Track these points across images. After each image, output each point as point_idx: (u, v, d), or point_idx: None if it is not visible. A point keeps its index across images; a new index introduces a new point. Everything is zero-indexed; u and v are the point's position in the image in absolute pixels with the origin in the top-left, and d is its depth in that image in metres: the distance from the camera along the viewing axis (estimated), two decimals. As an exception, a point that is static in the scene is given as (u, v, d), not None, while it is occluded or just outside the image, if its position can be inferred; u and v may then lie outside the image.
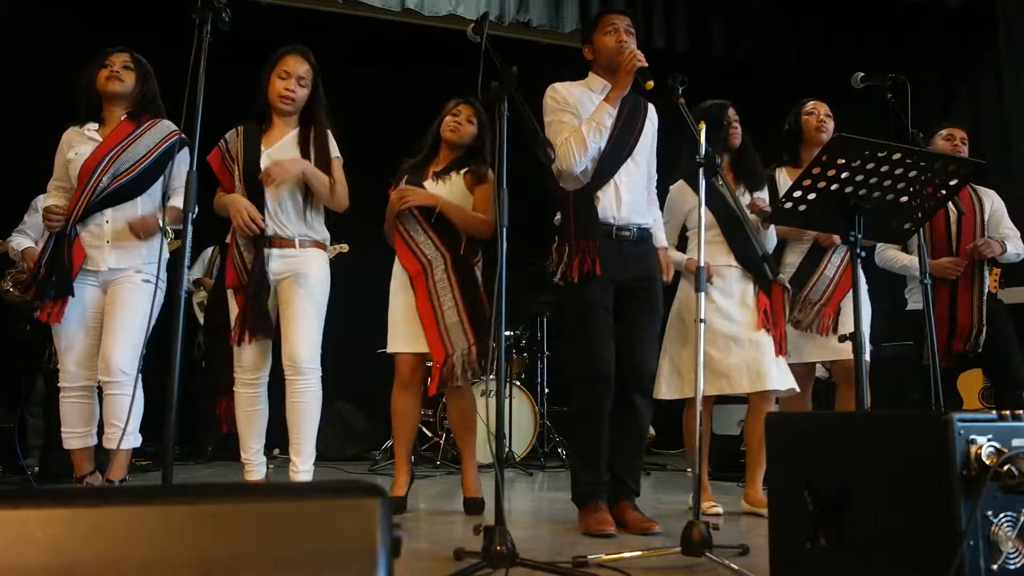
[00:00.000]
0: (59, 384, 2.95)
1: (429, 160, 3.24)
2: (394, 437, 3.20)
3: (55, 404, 3.07)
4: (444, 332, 3.00)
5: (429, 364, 3.12)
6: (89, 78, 3.00)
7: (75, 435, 2.94)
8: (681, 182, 3.30)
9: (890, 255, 3.70)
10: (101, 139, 2.97)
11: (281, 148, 2.92)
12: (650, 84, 2.61)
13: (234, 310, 2.90)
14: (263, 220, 2.83)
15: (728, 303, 3.12)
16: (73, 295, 2.89)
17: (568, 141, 2.71)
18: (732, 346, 3.06)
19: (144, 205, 2.99)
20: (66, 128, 3.04)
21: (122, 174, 2.92)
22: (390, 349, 3.13)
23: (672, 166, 3.27)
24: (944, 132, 3.81)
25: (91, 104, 3.01)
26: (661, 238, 3.02)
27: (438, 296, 3.04)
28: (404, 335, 3.09)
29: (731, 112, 3.27)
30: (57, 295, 2.87)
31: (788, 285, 3.22)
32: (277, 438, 3.16)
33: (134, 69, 3.00)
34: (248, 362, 2.90)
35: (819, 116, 3.37)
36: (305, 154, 2.90)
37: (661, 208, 3.14)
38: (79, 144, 2.97)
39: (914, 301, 3.76)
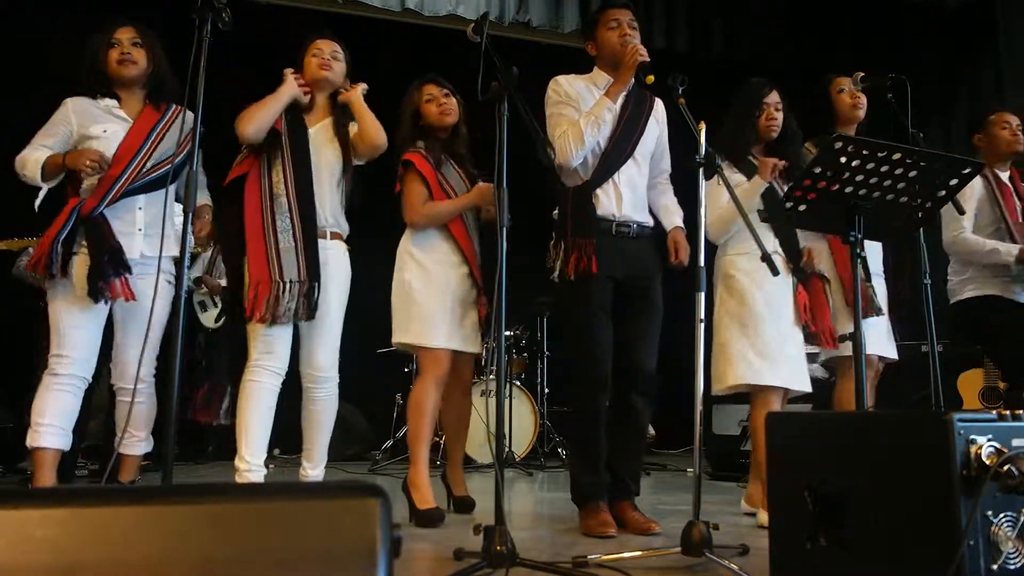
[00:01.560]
0: (53, 371, 2.65)
1: (434, 145, 3.07)
2: (417, 435, 2.92)
3: None
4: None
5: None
6: (94, 57, 2.82)
7: (57, 431, 2.62)
8: (715, 177, 3.14)
9: (973, 239, 3.44)
10: (130, 119, 2.80)
11: (319, 131, 2.85)
12: (650, 78, 2.61)
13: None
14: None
15: (777, 293, 2.94)
16: (131, 272, 2.69)
17: (566, 134, 2.71)
18: (791, 340, 2.92)
19: (171, 194, 2.80)
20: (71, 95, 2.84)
21: (165, 161, 2.79)
22: (429, 343, 2.89)
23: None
24: (996, 119, 3.57)
25: (100, 83, 2.83)
26: (676, 220, 2.92)
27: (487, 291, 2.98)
28: (445, 330, 2.90)
29: (772, 98, 3.07)
30: (117, 273, 2.65)
31: (826, 275, 3.05)
32: (280, 438, 3.14)
33: (143, 45, 2.83)
34: (270, 347, 2.64)
35: (853, 94, 3.17)
36: (343, 146, 2.85)
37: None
38: (104, 120, 2.78)
39: (969, 289, 3.55)
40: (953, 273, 3.66)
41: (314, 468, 2.85)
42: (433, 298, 2.92)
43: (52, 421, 2.62)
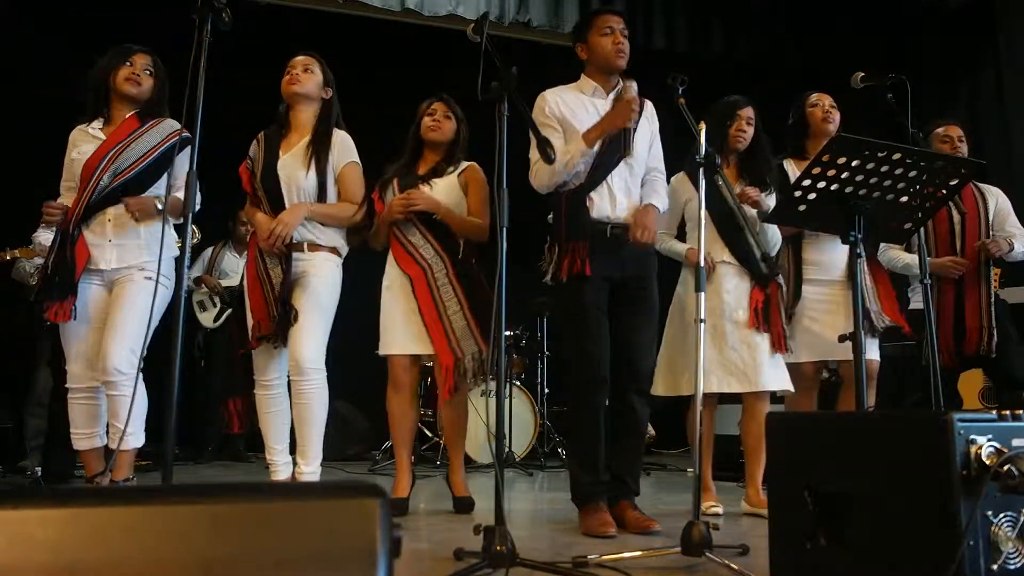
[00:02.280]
0: (66, 385, 2.94)
1: (414, 163, 3.23)
2: (393, 440, 3.20)
3: (56, 403, 3.05)
4: (452, 336, 2.99)
5: (428, 364, 3.11)
6: (105, 72, 2.95)
7: (82, 436, 2.92)
8: (681, 174, 3.25)
9: (892, 255, 3.65)
10: (105, 137, 2.94)
11: (293, 156, 2.98)
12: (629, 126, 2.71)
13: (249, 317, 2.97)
14: (286, 237, 2.89)
15: (725, 300, 3.10)
16: (75, 294, 2.86)
17: (538, 166, 2.69)
18: (723, 345, 3.06)
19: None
20: (73, 127, 3.01)
21: (123, 172, 2.89)
22: (383, 352, 3.13)
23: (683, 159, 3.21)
24: (940, 132, 3.72)
25: (100, 98, 2.97)
26: (653, 199, 2.87)
27: (442, 300, 3.02)
28: (397, 338, 3.08)
29: (745, 112, 3.21)
30: (60, 295, 2.83)
31: (782, 282, 3.18)
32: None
33: (154, 75, 2.99)
34: (261, 365, 2.98)
35: (824, 107, 3.33)
36: (318, 164, 2.96)
37: None
38: (83, 143, 2.95)
39: (916, 300, 3.72)
40: None
41: (308, 465, 2.87)
42: (384, 309, 3.13)
43: (78, 429, 2.93)
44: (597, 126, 2.72)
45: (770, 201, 3.14)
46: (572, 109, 2.82)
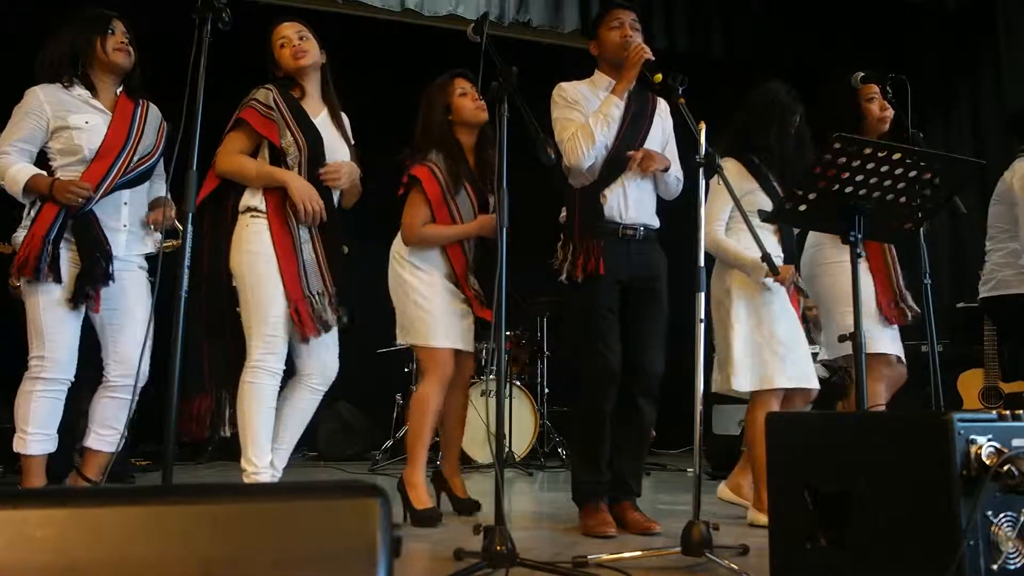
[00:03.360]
0: (37, 375, 2.60)
1: (458, 160, 3.00)
2: (419, 436, 2.92)
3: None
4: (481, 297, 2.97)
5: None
6: (87, 41, 2.71)
7: (43, 438, 2.60)
8: (733, 161, 2.98)
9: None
10: (109, 112, 2.73)
11: (323, 124, 2.77)
12: (658, 77, 2.60)
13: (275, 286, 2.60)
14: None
15: (781, 295, 2.94)
16: (113, 281, 2.65)
17: (575, 135, 2.71)
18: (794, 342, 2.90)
19: (148, 190, 2.86)
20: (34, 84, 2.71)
21: (147, 156, 2.77)
22: (434, 343, 2.90)
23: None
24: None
25: (81, 65, 2.71)
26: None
27: (479, 299, 2.99)
28: (448, 330, 2.92)
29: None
30: (104, 281, 2.62)
31: (801, 285, 3.08)
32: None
33: (132, 41, 2.80)
34: (282, 350, 2.62)
35: (880, 103, 3.07)
36: (346, 139, 2.84)
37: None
38: (84, 111, 2.69)
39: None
40: (1007, 266, 3.56)
41: (282, 462, 2.69)
42: (434, 299, 2.93)
43: (37, 429, 2.59)
44: (622, 79, 2.73)
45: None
46: (587, 98, 2.83)
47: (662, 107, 2.95)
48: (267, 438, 2.59)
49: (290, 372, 2.72)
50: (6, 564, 0.78)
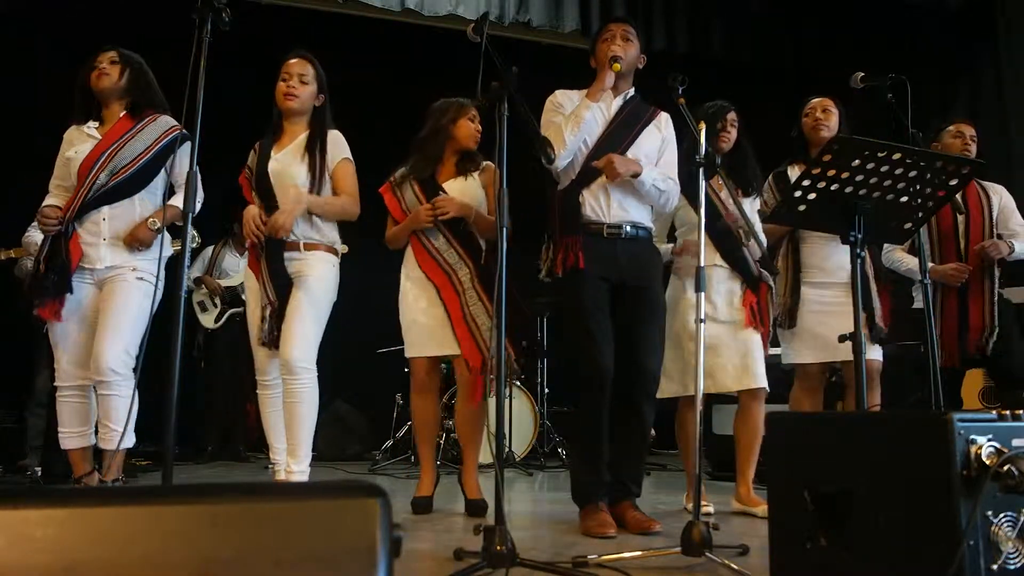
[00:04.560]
0: (55, 383, 2.94)
1: (434, 163, 3.18)
2: (417, 439, 3.27)
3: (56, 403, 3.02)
4: (480, 339, 3.01)
5: (443, 366, 3.11)
6: (82, 80, 3.00)
7: (72, 435, 2.92)
8: None
9: (896, 256, 3.61)
10: (100, 137, 2.95)
11: (286, 153, 2.97)
12: (617, 67, 2.74)
13: (253, 312, 3.00)
14: (288, 227, 2.88)
15: (715, 303, 3.09)
16: (71, 292, 2.86)
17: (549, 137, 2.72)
18: (718, 346, 3.05)
19: (143, 202, 2.96)
20: (67, 128, 3.04)
21: (120, 171, 2.90)
22: (407, 354, 3.16)
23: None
24: (952, 129, 3.67)
25: (87, 104, 3.02)
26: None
27: (468, 304, 3.03)
28: (419, 339, 3.11)
29: (730, 116, 3.21)
30: (56, 293, 2.84)
31: (772, 283, 3.19)
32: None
33: (120, 63, 2.98)
34: (261, 364, 3.00)
35: (815, 115, 3.33)
36: (311, 158, 2.94)
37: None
38: (79, 142, 2.96)
39: (919, 300, 3.64)
40: None
41: (299, 464, 2.86)
42: (406, 313, 3.14)
43: (68, 428, 2.92)
44: (596, 80, 2.81)
45: (755, 205, 3.20)
46: (574, 104, 2.83)
47: (662, 119, 2.94)
48: (275, 437, 2.99)
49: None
50: (6, 564, 0.78)
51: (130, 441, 2.86)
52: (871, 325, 3.12)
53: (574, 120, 2.73)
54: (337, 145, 3.02)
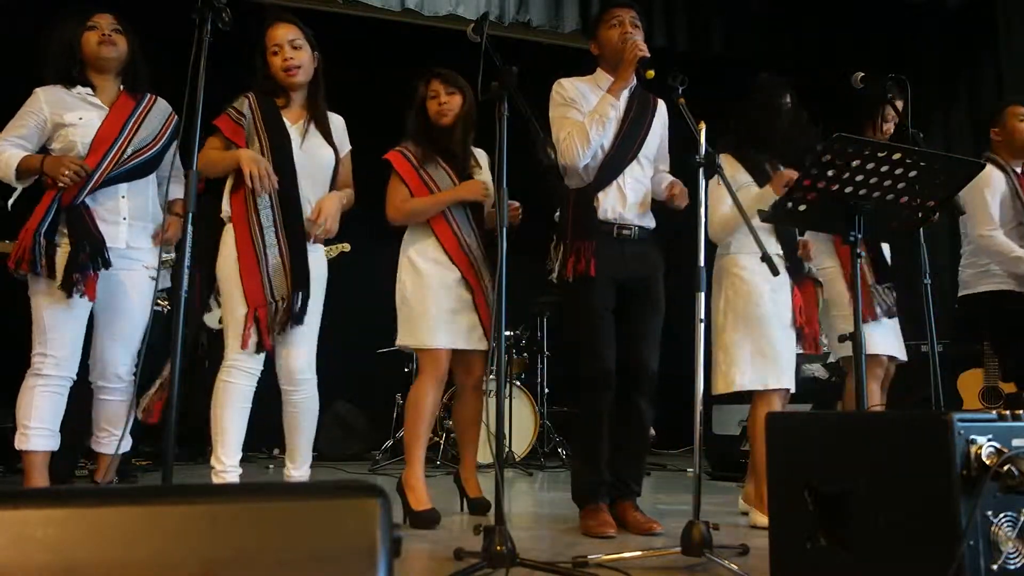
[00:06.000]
0: (38, 371, 2.62)
1: (428, 141, 3.02)
2: (415, 436, 2.92)
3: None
4: (491, 326, 2.89)
5: None
6: (73, 40, 2.72)
7: (44, 432, 2.61)
8: (728, 156, 2.98)
9: (1003, 242, 3.39)
10: (106, 107, 2.73)
11: (311, 137, 2.72)
12: (650, 74, 2.63)
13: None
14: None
15: (780, 294, 2.93)
16: (110, 266, 2.64)
17: (571, 135, 2.71)
18: (786, 339, 2.90)
19: (154, 185, 2.85)
20: (37, 85, 2.74)
21: (144, 148, 2.75)
22: (428, 344, 2.90)
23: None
24: (1012, 111, 3.52)
25: (69, 66, 2.72)
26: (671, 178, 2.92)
27: (484, 292, 2.94)
28: (445, 330, 2.90)
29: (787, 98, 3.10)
30: (95, 267, 2.60)
31: (820, 279, 3.07)
32: (279, 438, 3.14)
33: (123, 32, 2.77)
34: (236, 353, 2.59)
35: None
36: (330, 144, 2.77)
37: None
38: (80, 108, 2.71)
39: (985, 283, 3.52)
40: (969, 265, 3.60)
41: (298, 469, 2.75)
42: (427, 299, 2.90)
43: (40, 424, 2.60)
44: (618, 77, 2.73)
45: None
46: (585, 96, 2.83)
47: (660, 107, 2.95)
48: (238, 437, 2.57)
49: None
50: (6, 564, 0.78)
51: (127, 445, 2.84)
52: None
53: (599, 119, 2.70)
54: (343, 134, 2.91)
